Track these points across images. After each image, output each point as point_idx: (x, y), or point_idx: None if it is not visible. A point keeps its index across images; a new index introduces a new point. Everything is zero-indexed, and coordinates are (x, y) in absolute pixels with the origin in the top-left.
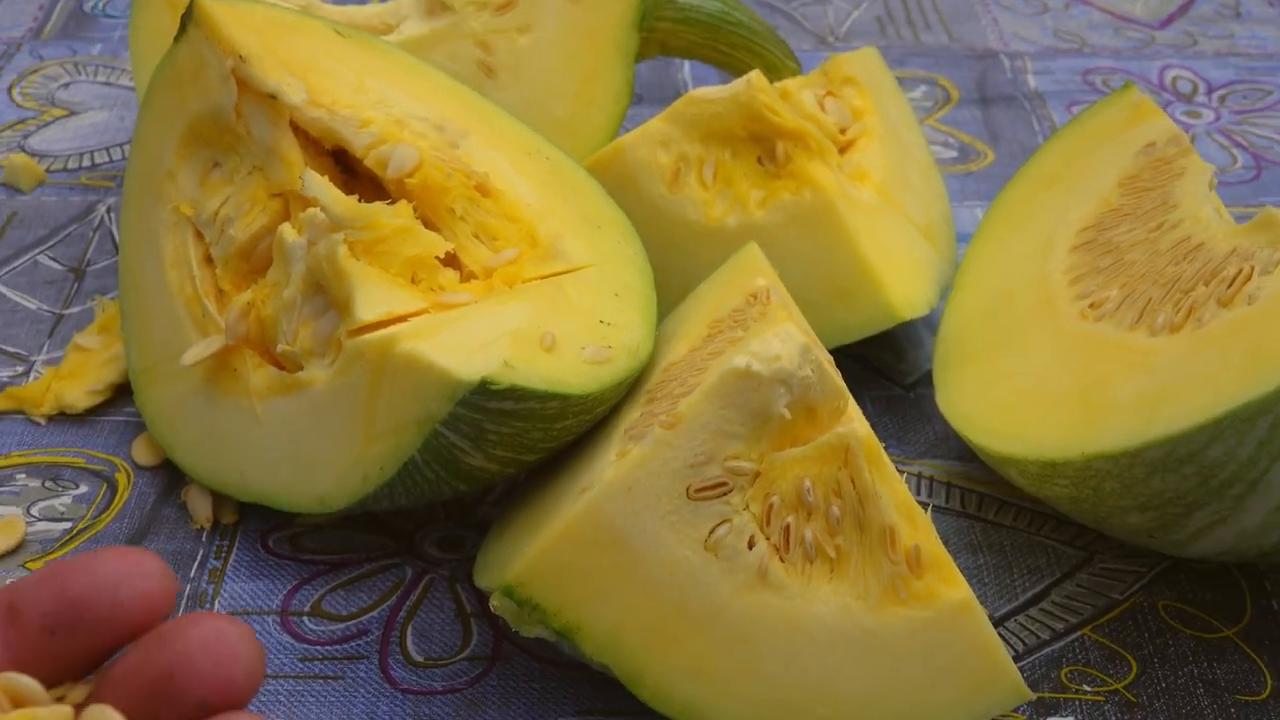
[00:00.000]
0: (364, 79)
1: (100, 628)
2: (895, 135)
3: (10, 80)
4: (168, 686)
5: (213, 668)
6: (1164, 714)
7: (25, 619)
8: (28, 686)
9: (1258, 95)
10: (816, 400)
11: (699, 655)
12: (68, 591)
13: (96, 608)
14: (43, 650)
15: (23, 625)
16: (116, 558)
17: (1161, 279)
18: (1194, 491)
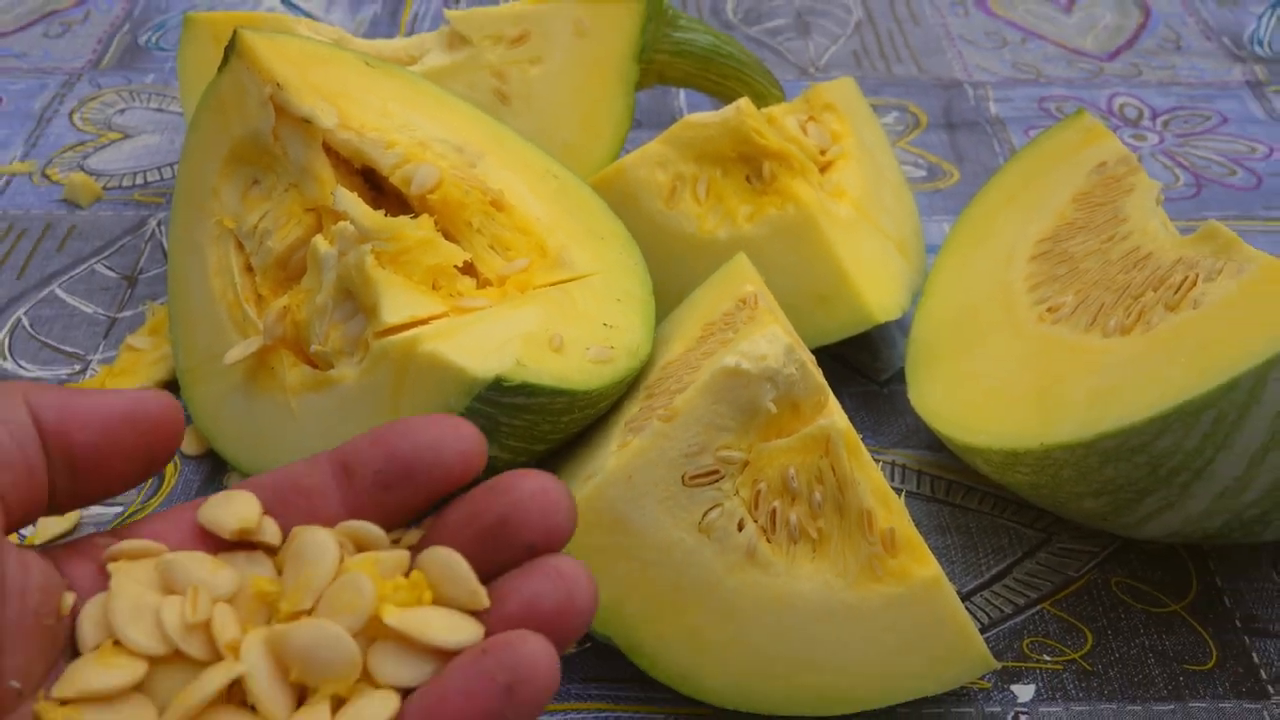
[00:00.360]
0: (390, 105)
1: (426, 482)
2: (870, 156)
3: (71, 106)
4: (501, 531)
5: (540, 515)
6: (1118, 682)
7: (359, 476)
8: (370, 531)
9: (1197, 120)
10: (800, 396)
11: (693, 627)
12: (397, 451)
13: (423, 464)
14: (375, 503)
15: (357, 482)
16: (436, 423)
17: (1113, 286)
18: (1144, 479)
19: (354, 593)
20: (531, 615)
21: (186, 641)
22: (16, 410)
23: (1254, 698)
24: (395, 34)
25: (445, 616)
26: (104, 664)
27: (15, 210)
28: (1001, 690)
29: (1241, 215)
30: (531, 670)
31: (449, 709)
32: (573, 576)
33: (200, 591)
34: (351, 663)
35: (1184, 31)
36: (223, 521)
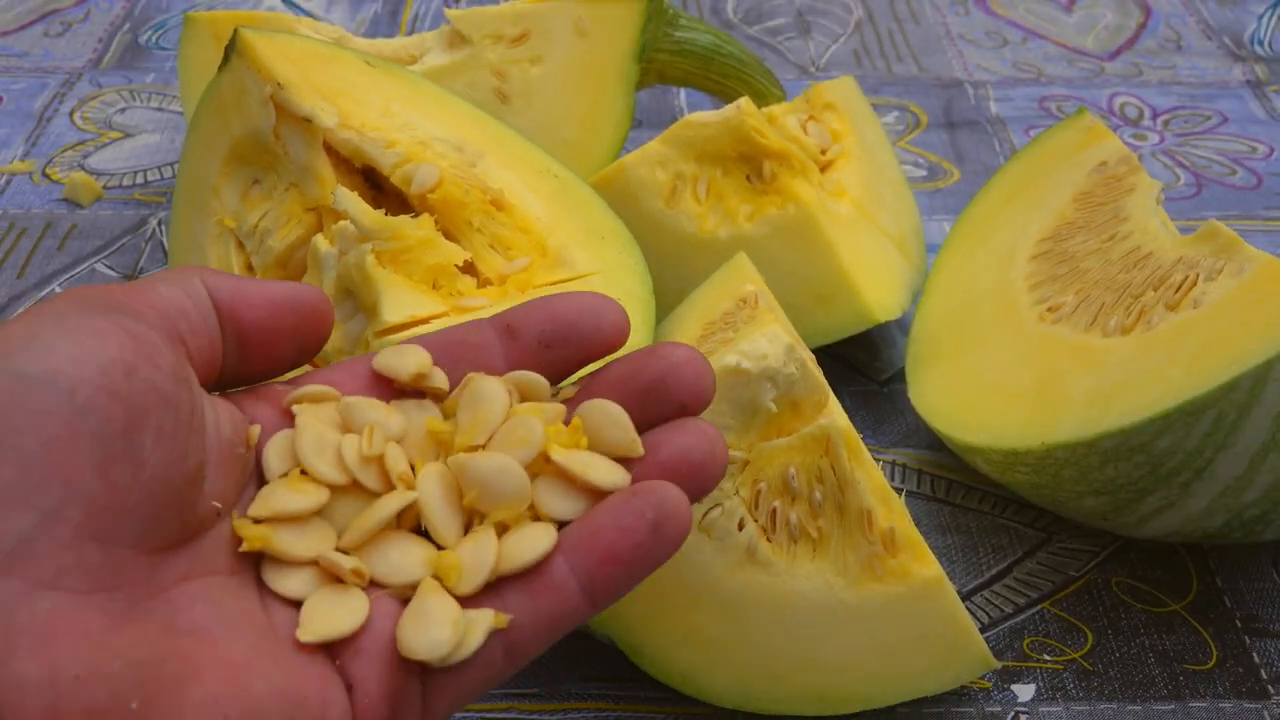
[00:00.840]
0: (391, 105)
1: (583, 344)
2: (870, 156)
3: (72, 106)
4: (660, 389)
5: (694, 379)
6: (1118, 681)
7: (522, 335)
8: (536, 381)
9: (1198, 120)
10: (800, 395)
11: (694, 627)
12: (559, 314)
13: (582, 327)
14: (536, 360)
15: (520, 340)
16: (590, 295)
17: (1114, 285)
18: (1144, 479)
19: (525, 431)
20: (681, 465)
21: (363, 473)
22: (196, 287)
23: (1254, 697)
24: (395, 33)
25: (602, 460)
26: (293, 489)
27: (16, 209)
28: (1002, 690)
29: (1242, 215)
30: (675, 510)
31: (603, 540)
32: (715, 436)
33: (376, 429)
34: (523, 491)
35: (1185, 31)
36: (398, 367)
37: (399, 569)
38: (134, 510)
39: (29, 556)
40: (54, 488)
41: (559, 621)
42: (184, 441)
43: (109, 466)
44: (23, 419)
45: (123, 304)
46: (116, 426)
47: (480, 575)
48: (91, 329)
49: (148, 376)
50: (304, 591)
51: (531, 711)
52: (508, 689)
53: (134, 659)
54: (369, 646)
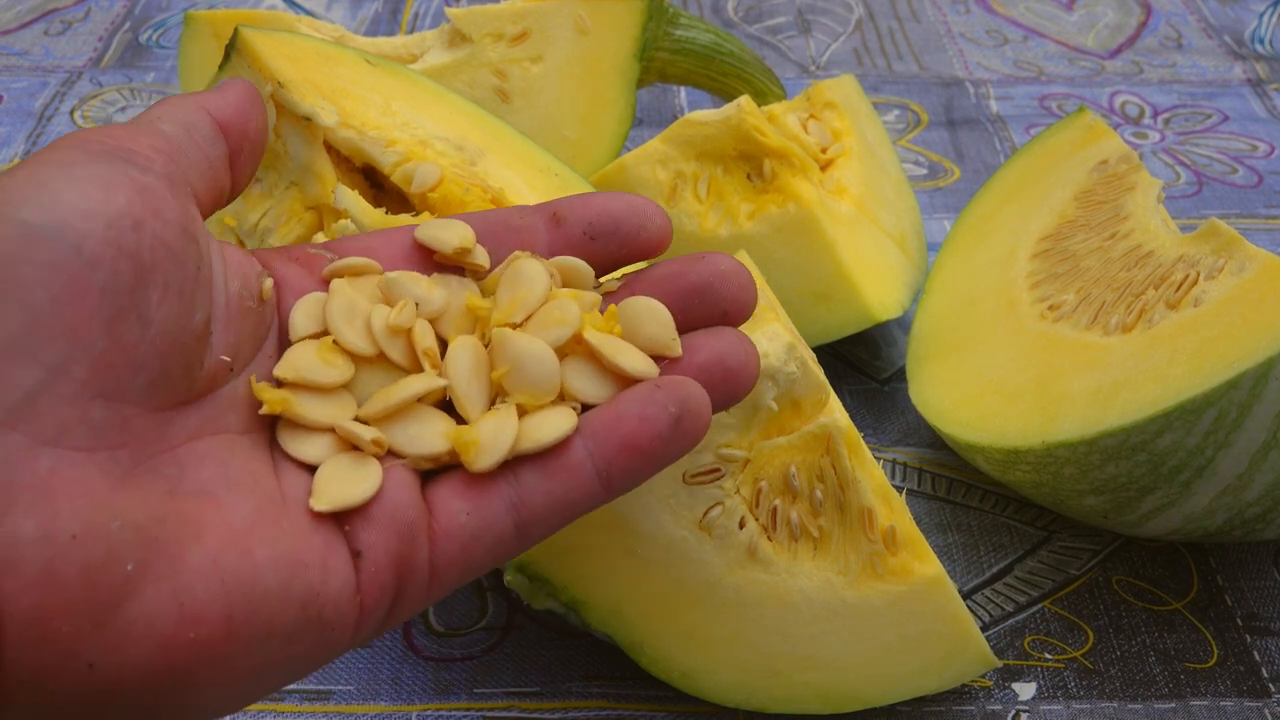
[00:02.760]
0: (391, 103)
1: (628, 240)
2: (871, 154)
3: (73, 105)
4: (706, 293)
5: (737, 288)
6: (1119, 680)
7: (569, 224)
8: (579, 267)
9: (1199, 118)
10: (801, 394)
11: (694, 626)
12: (609, 207)
13: (629, 224)
14: (581, 250)
15: (566, 229)
16: (637, 197)
17: (1115, 283)
18: (1145, 477)
19: (562, 313)
20: (716, 369)
21: (390, 345)
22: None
23: (1255, 696)
24: (396, 32)
25: (633, 349)
26: (322, 358)
27: None
28: (1003, 688)
29: (1243, 213)
30: (698, 406)
31: (624, 427)
32: (752, 349)
33: (409, 302)
34: (553, 379)
35: (1185, 30)
36: (443, 239)
37: (417, 440)
38: (140, 367)
39: (32, 412)
40: (60, 343)
41: (573, 504)
42: (190, 296)
43: (116, 322)
44: (30, 271)
45: (129, 150)
46: (124, 282)
47: (498, 453)
48: (99, 179)
49: (155, 230)
50: (319, 456)
51: (532, 710)
52: (508, 688)
53: (133, 520)
54: (379, 514)
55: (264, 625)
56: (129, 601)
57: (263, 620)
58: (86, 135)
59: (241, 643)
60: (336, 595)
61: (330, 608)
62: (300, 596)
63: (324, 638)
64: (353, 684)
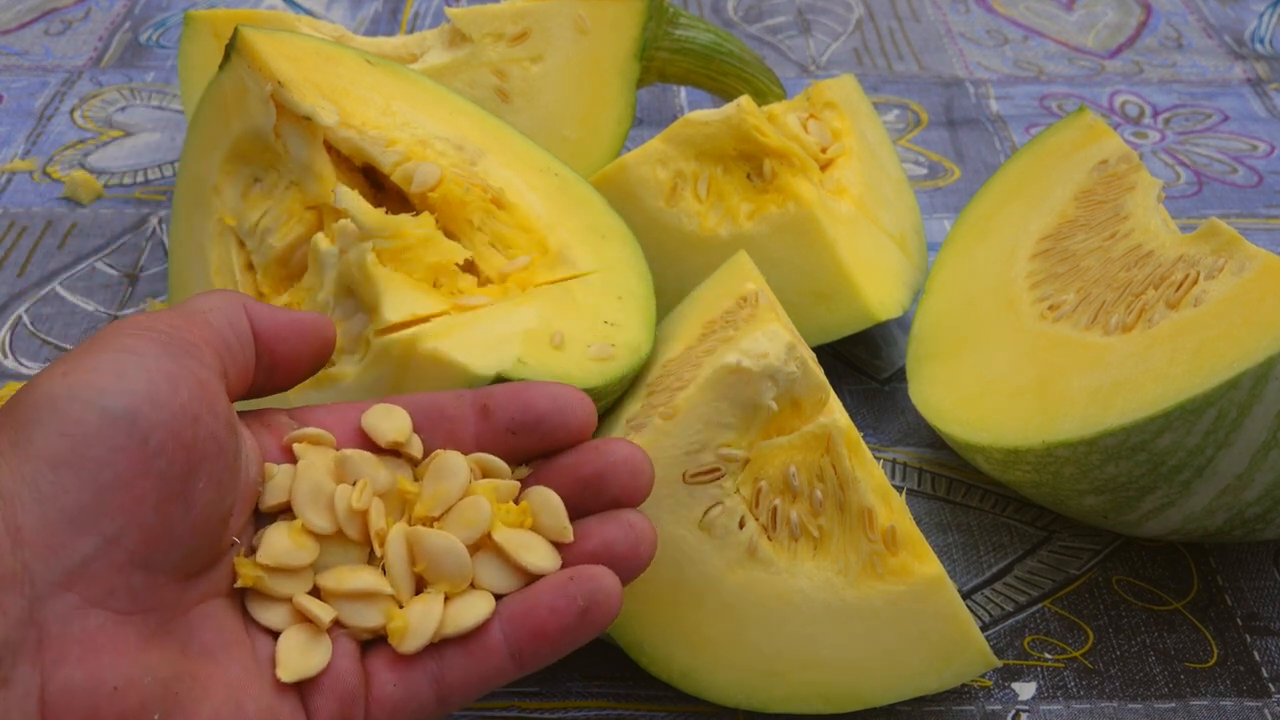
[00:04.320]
0: (391, 103)
1: (548, 434)
2: (871, 154)
3: (73, 104)
4: (597, 483)
5: (629, 477)
6: (1119, 680)
7: (495, 418)
8: (496, 464)
9: (1199, 118)
10: (801, 393)
11: (694, 625)
12: (532, 405)
13: (548, 420)
14: (502, 444)
15: (492, 421)
16: (564, 390)
17: (1115, 283)
18: (1145, 477)
19: (475, 512)
20: (605, 553)
21: (348, 524)
22: (240, 318)
23: (1255, 696)
24: (396, 32)
25: (538, 544)
26: (295, 542)
27: (16, 208)
28: (1003, 688)
29: (1243, 213)
30: (606, 598)
31: (537, 617)
32: (642, 529)
33: (367, 485)
34: (465, 571)
35: (1185, 29)
36: (383, 431)
37: (361, 615)
38: (178, 543)
39: (87, 576)
40: (118, 517)
41: (488, 679)
42: (227, 485)
43: (166, 504)
44: (103, 452)
45: (188, 344)
46: (178, 470)
47: (424, 637)
48: (167, 373)
49: (209, 426)
50: (280, 624)
51: (532, 710)
52: (509, 688)
53: (160, 675)
54: (328, 683)
55: None
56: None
57: None
58: (155, 324)
59: None
60: None
61: None
62: None
63: None
64: None
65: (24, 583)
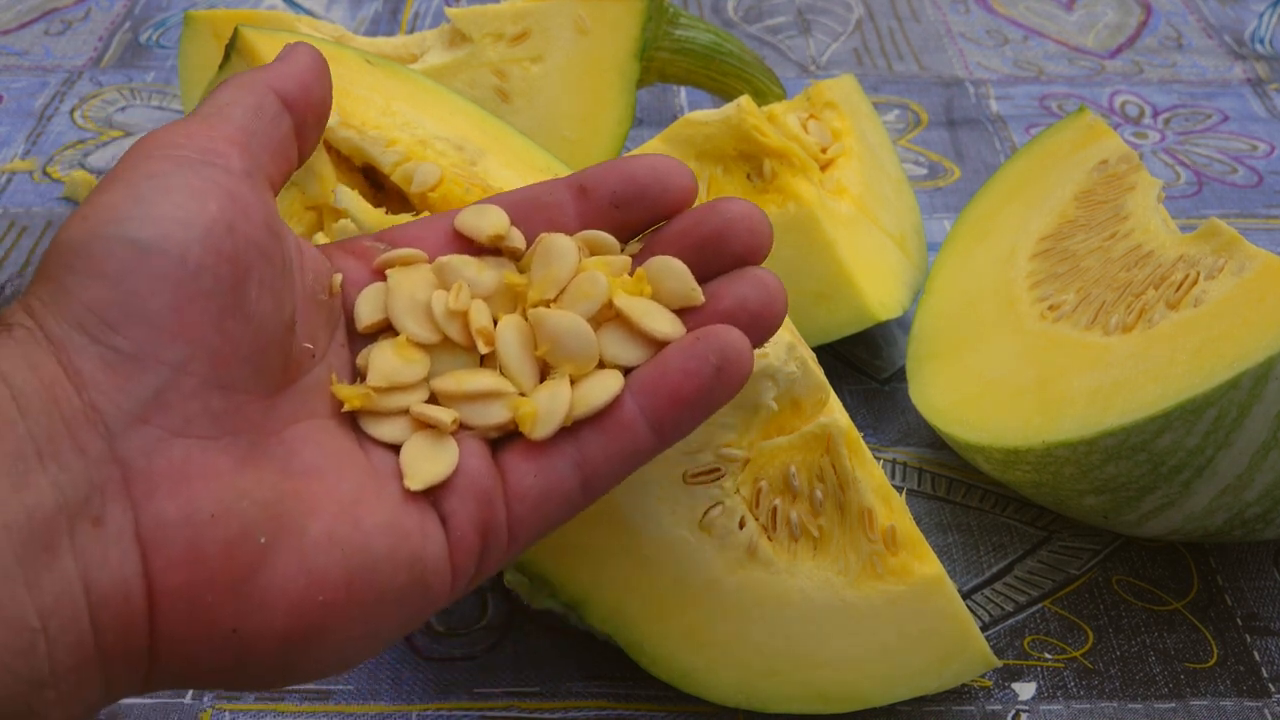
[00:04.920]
0: (391, 103)
1: (653, 204)
2: (871, 154)
3: (73, 104)
4: (717, 243)
5: (749, 233)
6: (1119, 680)
7: (595, 194)
8: (603, 239)
9: (1199, 118)
10: (801, 393)
11: (694, 625)
12: (633, 174)
13: (652, 188)
14: (607, 219)
15: (593, 199)
16: (661, 158)
17: (1115, 283)
18: (1145, 477)
19: (591, 285)
20: (740, 312)
21: (450, 326)
22: (266, 98)
23: (1255, 696)
24: (396, 32)
25: (661, 312)
26: (402, 357)
27: (16, 208)
28: (1002, 688)
29: (1243, 213)
30: (737, 354)
31: (669, 383)
32: (774, 284)
33: (463, 286)
34: (590, 348)
35: (1185, 29)
36: (479, 228)
37: (484, 414)
38: (247, 358)
39: (162, 407)
40: (179, 344)
41: (631, 457)
42: (280, 291)
43: (223, 320)
44: (144, 283)
45: (210, 151)
46: (225, 283)
47: (555, 420)
48: (190, 189)
49: (246, 232)
50: (399, 437)
51: (532, 710)
52: (508, 688)
53: (259, 498)
54: (461, 484)
55: (378, 587)
56: (263, 572)
57: (377, 583)
58: (170, 140)
59: (360, 604)
60: (435, 558)
61: (431, 570)
62: (406, 560)
63: (427, 597)
64: (353, 684)
65: (97, 422)
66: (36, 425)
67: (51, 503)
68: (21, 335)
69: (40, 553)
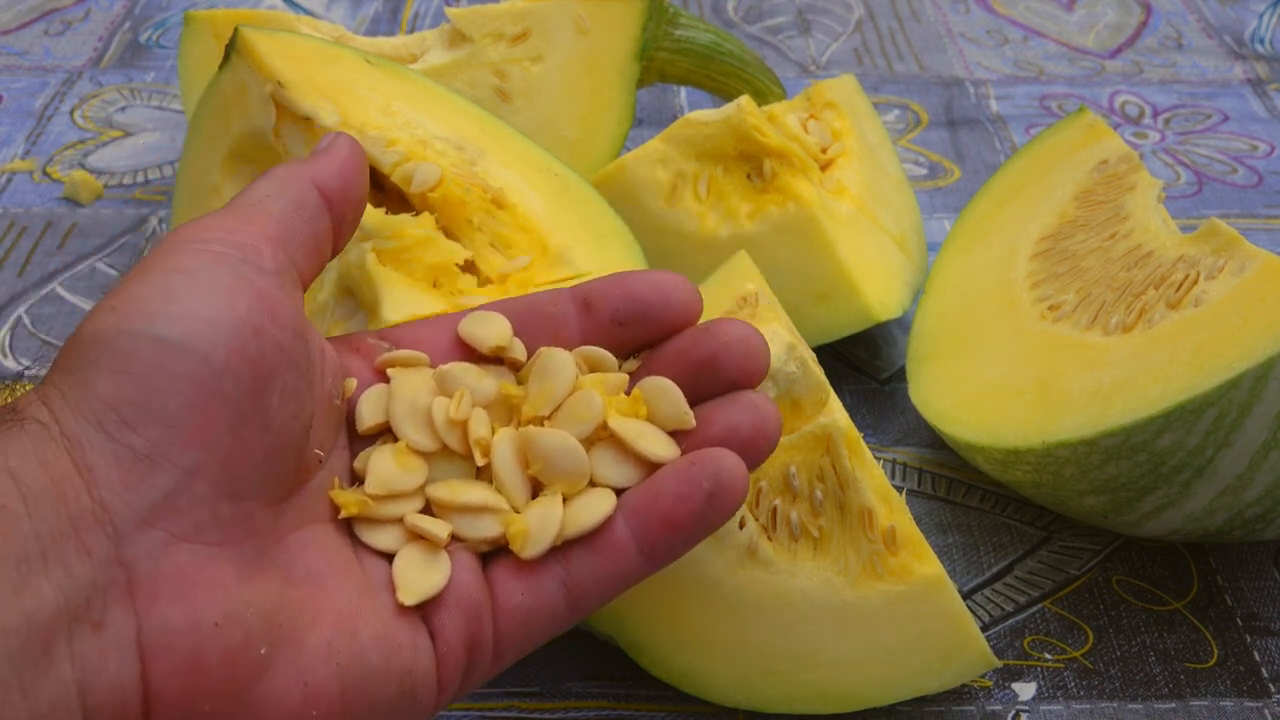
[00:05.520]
0: (391, 103)
1: (655, 322)
2: (871, 154)
3: (73, 104)
4: (711, 367)
5: (744, 357)
6: (1119, 680)
7: (598, 310)
8: (602, 356)
9: (1199, 118)
10: (801, 394)
11: (694, 626)
12: (634, 292)
13: (655, 307)
14: (608, 336)
15: (596, 315)
16: (666, 275)
17: (1115, 283)
18: (1145, 477)
19: (586, 405)
20: (731, 438)
21: (449, 435)
22: (307, 193)
23: (1255, 696)
24: (396, 32)
25: (655, 433)
26: (401, 465)
27: (16, 208)
28: (1003, 688)
29: (1243, 213)
30: (730, 480)
31: (660, 507)
32: (766, 409)
33: (465, 394)
34: (582, 469)
35: (1185, 29)
36: (482, 338)
37: (477, 527)
38: (260, 465)
39: (171, 511)
40: (194, 448)
41: (620, 579)
42: (302, 396)
43: (241, 426)
44: (166, 382)
45: (243, 247)
46: (247, 388)
47: (545, 541)
48: (221, 288)
49: (273, 336)
50: (393, 546)
51: (532, 710)
52: (508, 688)
53: (262, 608)
54: (451, 599)
55: (370, 700)
56: (261, 683)
57: (369, 695)
58: (205, 234)
59: (352, 716)
60: (424, 672)
61: (419, 683)
62: (398, 674)
63: (414, 710)
64: None
65: (104, 522)
66: (43, 524)
67: (52, 606)
68: (35, 430)
69: (38, 658)
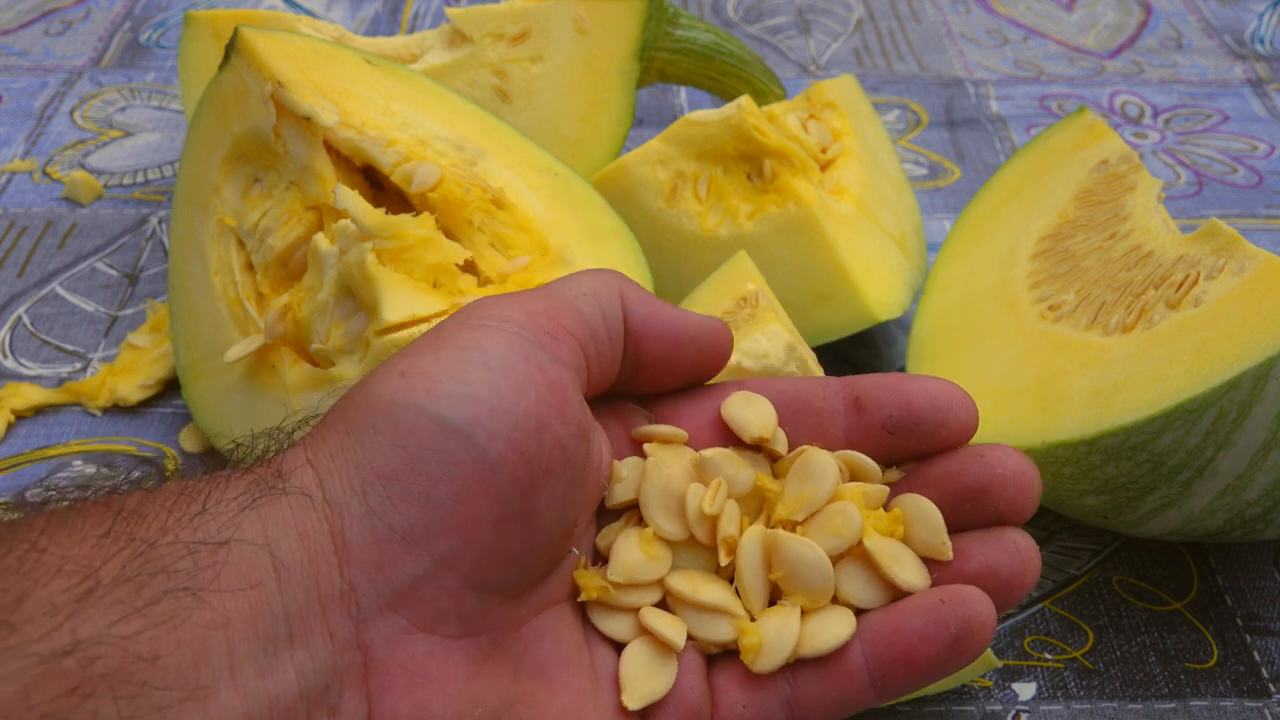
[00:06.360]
0: (391, 103)
1: (927, 435)
2: (871, 154)
3: (73, 104)
4: (980, 496)
5: (1015, 491)
6: (1119, 680)
7: (869, 413)
8: (867, 466)
9: (1199, 118)
10: None
11: None
12: (911, 402)
13: (929, 420)
14: (875, 443)
15: (865, 418)
16: (945, 386)
17: (1115, 283)
18: (1145, 477)
19: (844, 520)
20: (987, 578)
21: (699, 529)
22: (615, 306)
23: (1255, 696)
24: (396, 32)
25: (909, 558)
26: (646, 553)
27: (16, 208)
28: (1003, 689)
29: (1243, 213)
30: (979, 626)
31: (903, 642)
32: (1028, 553)
33: (721, 486)
34: (828, 587)
35: (1185, 29)
36: (746, 425)
37: (710, 628)
38: (513, 561)
39: (415, 599)
40: (452, 537)
41: (845, 706)
42: (571, 499)
43: (504, 523)
44: (438, 466)
45: (545, 335)
46: (520, 486)
47: (779, 658)
48: (513, 374)
49: (556, 435)
50: (626, 636)
51: None
52: None
53: (490, 706)
54: (672, 704)
55: None
56: None
57: None
58: (507, 312)
59: None
60: None
61: None
62: None
63: None
64: None
65: (350, 603)
66: (293, 602)
67: (295, 691)
68: (296, 500)
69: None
